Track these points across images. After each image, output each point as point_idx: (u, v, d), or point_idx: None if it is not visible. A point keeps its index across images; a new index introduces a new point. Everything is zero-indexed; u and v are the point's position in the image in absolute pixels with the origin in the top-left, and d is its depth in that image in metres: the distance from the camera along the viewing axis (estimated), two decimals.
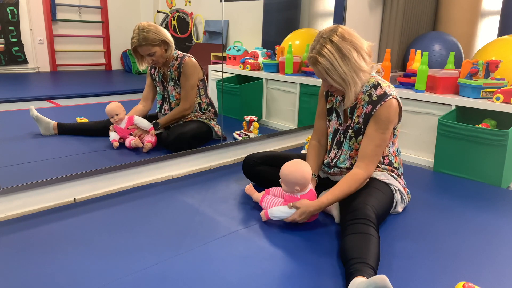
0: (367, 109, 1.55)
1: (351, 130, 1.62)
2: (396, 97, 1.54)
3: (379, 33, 3.22)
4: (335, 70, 1.45)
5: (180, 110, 2.40)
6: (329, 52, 1.44)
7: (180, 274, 1.23)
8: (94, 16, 4.83)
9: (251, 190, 1.76)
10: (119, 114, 2.34)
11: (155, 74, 2.48)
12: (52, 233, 1.47)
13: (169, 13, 5.16)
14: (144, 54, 2.26)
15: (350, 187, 1.51)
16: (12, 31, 4.62)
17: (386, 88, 1.53)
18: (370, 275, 1.11)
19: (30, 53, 4.68)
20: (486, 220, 1.67)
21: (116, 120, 2.33)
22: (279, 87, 3.09)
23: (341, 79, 1.47)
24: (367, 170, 1.54)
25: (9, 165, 1.97)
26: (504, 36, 2.70)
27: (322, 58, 1.45)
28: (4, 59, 4.56)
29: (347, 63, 1.45)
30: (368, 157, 1.54)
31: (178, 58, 2.38)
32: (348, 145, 1.64)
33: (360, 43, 1.48)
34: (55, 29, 4.65)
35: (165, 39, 2.26)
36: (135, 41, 2.20)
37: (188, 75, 2.36)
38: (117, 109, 2.35)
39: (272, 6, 3.83)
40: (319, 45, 1.47)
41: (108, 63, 4.93)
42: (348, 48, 1.44)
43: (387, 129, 1.53)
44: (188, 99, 2.39)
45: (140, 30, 2.19)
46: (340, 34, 1.45)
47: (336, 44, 1.44)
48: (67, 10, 4.70)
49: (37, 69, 4.71)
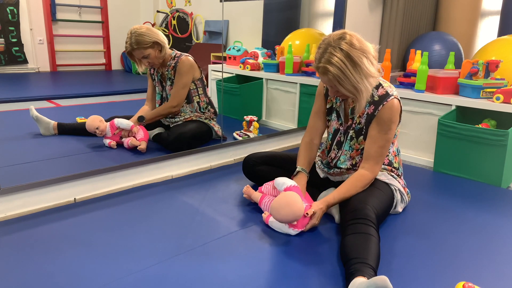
0: (369, 109, 1.54)
1: (352, 130, 1.62)
2: (398, 97, 1.54)
3: (379, 33, 3.22)
4: (347, 79, 1.41)
5: (166, 106, 2.39)
6: (340, 61, 1.39)
7: (180, 274, 1.23)
8: (94, 16, 4.83)
9: (249, 191, 1.74)
10: (99, 127, 2.30)
11: (154, 74, 2.49)
12: (52, 233, 1.47)
13: (169, 13, 5.16)
14: (138, 57, 2.26)
15: (356, 187, 1.52)
16: (12, 31, 4.62)
17: (387, 89, 1.53)
18: (370, 275, 1.11)
19: (30, 53, 4.68)
20: (486, 220, 1.67)
21: (99, 132, 2.30)
22: (279, 87, 3.09)
23: (353, 88, 1.43)
24: (373, 171, 1.55)
25: (9, 165, 1.97)
26: (504, 36, 2.70)
27: (333, 68, 1.39)
28: (4, 59, 4.56)
29: (359, 71, 1.41)
30: (372, 158, 1.55)
31: (175, 58, 2.38)
32: (349, 146, 1.64)
33: (368, 48, 1.45)
34: (55, 29, 4.65)
35: (157, 40, 2.25)
36: (128, 46, 2.22)
37: (182, 73, 2.36)
38: (94, 123, 2.30)
39: (272, 6, 3.83)
40: (327, 54, 1.41)
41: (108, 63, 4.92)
42: (358, 56, 1.40)
43: (390, 130, 1.53)
44: (176, 97, 2.38)
45: (132, 34, 2.20)
46: (349, 41, 1.40)
47: (346, 52, 1.39)
48: (67, 10, 4.69)
49: (37, 69, 4.71)
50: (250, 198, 1.73)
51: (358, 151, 1.62)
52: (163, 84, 2.47)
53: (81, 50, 4.84)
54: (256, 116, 2.73)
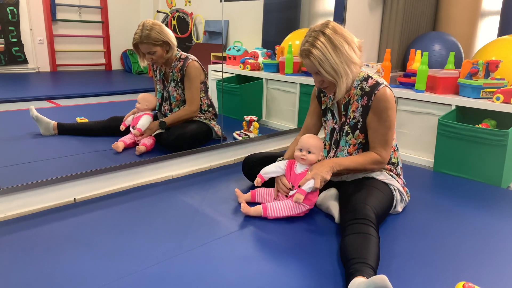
0: (362, 101, 1.57)
1: (347, 126, 1.63)
2: (388, 86, 1.57)
3: (379, 33, 3.22)
4: (327, 61, 1.48)
5: (188, 112, 2.38)
6: (322, 44, 1.48)
7: (180, 274, 1.23)
8: (94, 16, 4.83)
9: (238, 193, 1.76)
10: (140, 103, 2.40)
11: (157, 71, 2.48)
12: (52, 233, 1.47)
13: (169, 13, 5.16)
14: (144, 52, 2.25)
15: (365, 161, 1.57)
16: (12, 31, 4.62)
17: (377, 79, 1.57)
18: (370, 275, 1.11)
19: (30, 53, 4.68)
20: (486, 220, 1.67)
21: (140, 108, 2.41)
22: (279, 87, 3.09)
23: (333, 70, 1.49)
24: (381, 155, 1.58)
25: (9, 165, 1.97)
26: (504, 36, 2.70)
27: (316, 50, 1.48)
28: (4, 59, 4.56)
29: (339, 54, 1.48)
30: (378, 145, 1.58)
31: (181, 60, 2.37)
32: (345, 141, 1.65)
33: (351, 37, 1.53)
34: (55, 29, 4.65)
35: (168, 40, 2.26)
36: (137, 37, 2.19)
37: (192, 78, 2.35)
38: (142, 99, 2.41)
39: (272, 6, 3.83)
40: (311, 38, 1.50)
41: (108, 63, 4.92)
42: (339, 40, 1.49)
43: (388, 117, 1.55)
44: (194, 102, 2.38)
45: (144, 27, 2.18)
46: (332, 27, 1.50)
47: (328, 36, 1.48)
48: (67, 10, 4.69)
49: (37, 69, 4.71)
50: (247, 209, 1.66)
51: (356, 146, 1.63)
52: (165, 83, 2.47)
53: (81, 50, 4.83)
54: (256, 116, 2.73)
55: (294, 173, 1.63)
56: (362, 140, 1.63)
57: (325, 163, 1.57)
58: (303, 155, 1.59)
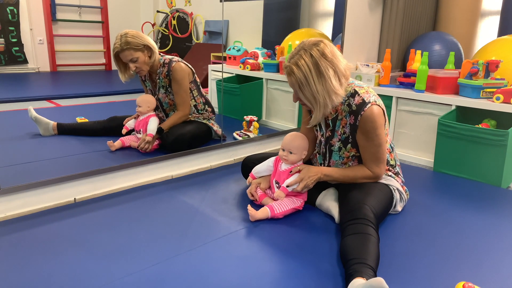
0: (350, 119, 1.55)
1: (339, 142, 1.62)
2: (376, 102, 1.51)
3: (379, 33, 3.22)
4: (308, 86, 1.43)
5: (181, 116, 2.37)
6: (307, 66, 1.41)
7: (179, 274, 1.23)
8: (94, 16, 4.83)
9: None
10: (141, 106, 2.35)
11: (146, 81, 2.47)
12: (52, 233, 1.47)
13: (169, 13, 5.16)
14: (126, 60, 2.21)
15: (355, 175, 1.57)
16: (12, 31, 4.62)
17: (364, 96, 1.50)
18: (370, 275, 1.11)
19: (30, 53, 4.68)
20: (486, 220, 1.67)
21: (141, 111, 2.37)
22: (279, 87, 3.09)
23: (312, 97, 1.45)
24: (373, 171, 1.57)
25: (9, 165, 1.97)
26: (504, 36, 2.70)
27: (298, 70, 1.42)
28: (4, 59, 4.56)
29: (322, 81, 1.42)
30: (370, 162, 1.57)
31: (165, 65, 2.33)
32: (339, 156, 1.64)
33: (339, 63, 1.45)
34: (55, 29, 4.65)
35: (148, 44, 2.23)
36: (117, 46, 2.17)
37: (179, 81, 2.33)
38: (142, 102, 2.36)
39: (272, 6, 3.83)
40: (297, 55, 1.44)
41: (108, 63, 4.92)
42: (326, 66, 1.41)
43: (377, 136, 1.52)
44: (186, 105, 2.38)
45: (122, 36, 2.18)
46: (322, 49, 1.42)
47: (315, 59, 1.41)
48: (67, 10, 4.69)
49: (37, 69, 4.71)
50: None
51: (349, 158, 1.63)
52: (154, 91, 2.46)
53: (81, 50, 4.84)
54: (256, 116, 2.73)
55: (279, 170, 1.67)
56: (356, 153, 1.61)
57: (314, 170, 1.58)
58: (285, 156, 1.62)
